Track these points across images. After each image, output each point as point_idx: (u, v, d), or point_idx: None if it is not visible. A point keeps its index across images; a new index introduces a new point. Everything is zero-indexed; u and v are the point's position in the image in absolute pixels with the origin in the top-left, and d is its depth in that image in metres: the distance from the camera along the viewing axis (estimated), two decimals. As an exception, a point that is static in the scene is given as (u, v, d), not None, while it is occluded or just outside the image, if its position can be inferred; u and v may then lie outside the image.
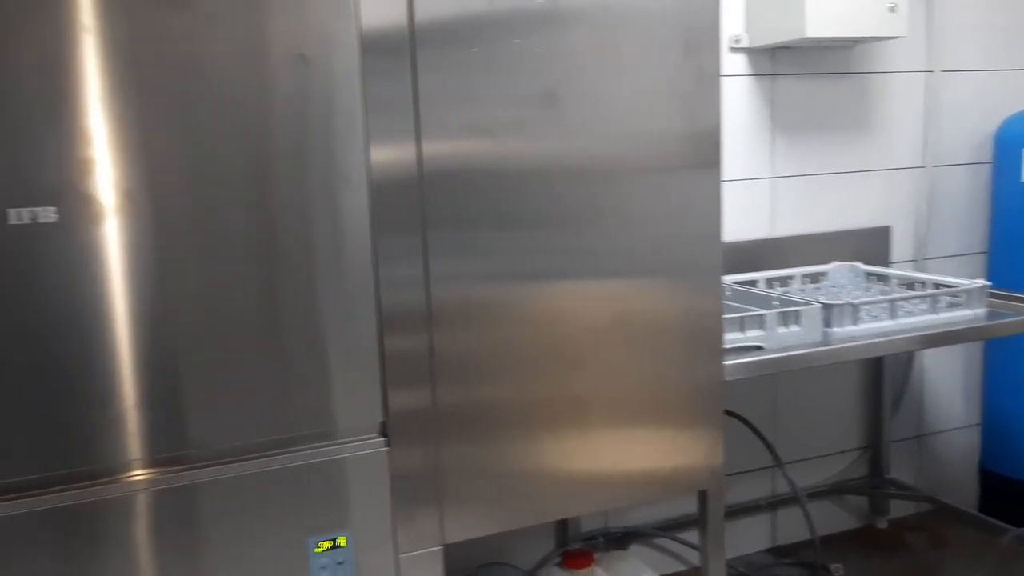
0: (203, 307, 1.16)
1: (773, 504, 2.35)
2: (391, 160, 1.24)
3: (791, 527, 2.37)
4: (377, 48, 1.21)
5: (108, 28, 1.07)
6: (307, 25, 1.16)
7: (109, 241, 1.10)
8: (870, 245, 2.30)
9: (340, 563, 1.27)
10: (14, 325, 1.07)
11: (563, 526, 2.07)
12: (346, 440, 1.26)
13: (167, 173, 1.12)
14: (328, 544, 1.26)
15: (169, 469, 1.16)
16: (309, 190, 1.19)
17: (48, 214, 1.06)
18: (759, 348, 1.68)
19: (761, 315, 1.72)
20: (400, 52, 1.22)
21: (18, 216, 1.05)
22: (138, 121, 1.09)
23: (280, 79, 1.16)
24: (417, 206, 1.26)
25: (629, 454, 1.45)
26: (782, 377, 2.31)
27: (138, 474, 1.15)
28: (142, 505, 1.15)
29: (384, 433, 1.29)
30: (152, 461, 1.16)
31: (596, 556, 1.87)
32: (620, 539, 2.18)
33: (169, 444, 1.16)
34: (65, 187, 1.07)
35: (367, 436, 1.28)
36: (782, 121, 2.20)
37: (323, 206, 1.20)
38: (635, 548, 2.20)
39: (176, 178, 1.12)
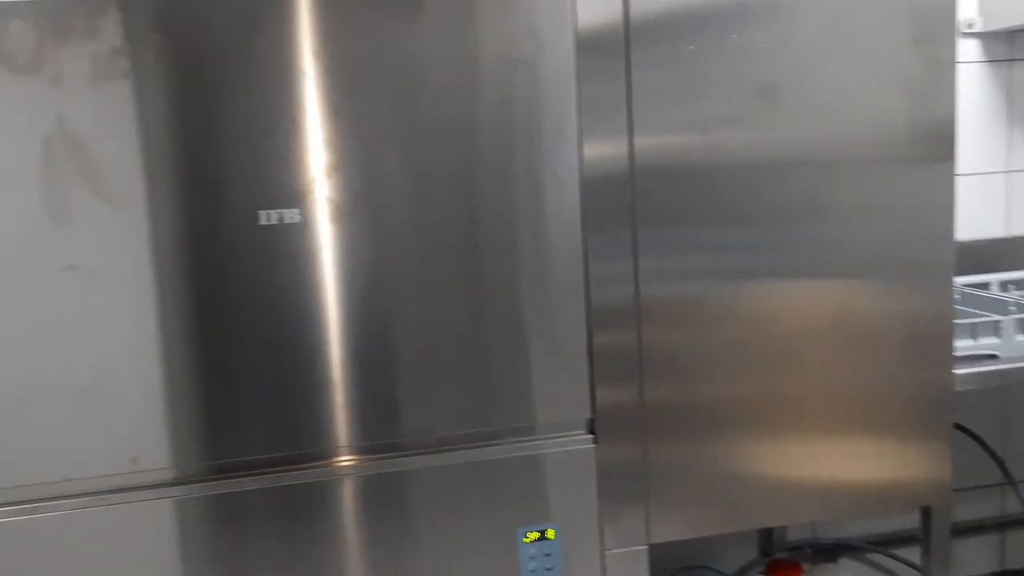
0: (415, 302, 1.22)
1: (1002, 525, 2.16)
2: (603, 156, 1.25)
3: (1022, 550, 2.18)
4: (591, 48, 1.22)
5: (339, 43, 1.15)
6: (525, 31, 1.19)
7: (338, 240, 1.18)
8: (1124, 245, 2.07)
9: (548, 555, 1.30)
10: (258, 315, 1.17)
11: (768, 534, 2.00)
12: (553, 435, 1.29)
13: (389, 176, 1.19)
14: (536, 535, 1.29)
15: (380, 456, 1.23)
16: (521, 187, 1.22)
17: (293, 215, 1.15)
18: (993, 357, 1.56)
19: (996, 321, 1.59)
20: (614, 51, 1.23)
21: (267, 217, 1.15)
22: (364, 129, 1.17)
23: (497, 83, 1.20)
24: (628, 202, 1.27)
25: (846, 463, 1.38)
26: (1014, 389, 2.12)
27: (351, 459, 1.23)
28: (354, 488, 1.23)
29: (591, 430, 1.30)
30: (365, 448, 1.23)
31: (804, 568, 1.80)
32: (829, 551, 2.08)
33: (381, 433, 1.23)
34: (306, 191, 1.16)
35: (575, 432, 1.30)
36: (1021, 111, 2.01)
37: (534, 203, 1.23)
38: (845, 562, 2.09)
39: (397, 180, 1.19)
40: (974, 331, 1.58)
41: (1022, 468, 2.14)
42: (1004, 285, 1.93)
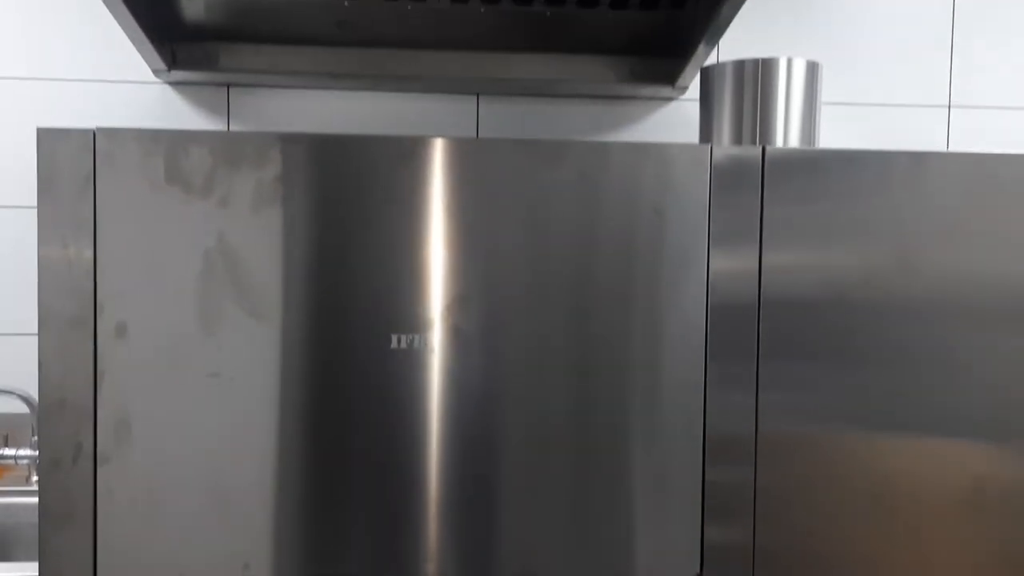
0: (525, 437, 1.22)
1: None
2: (729, 286, 1.24)
3: None
4: (725, 184, 1.24)
5: (476, 182, 1.21)
6: (659, 180, 1.23)
7: (459, 368, 1.21)
8: None
9: None
10: (375, 434, 1.20)
11: None
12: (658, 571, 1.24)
13: (513, 309, 1.22)
14: None
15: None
16: (643, 320, 1.23)
17: (420, 341, 1.20)
18: None
19: None
20: (749, 189, 1.24)
21: (398, 341, 1.20)
22: (493, 262, 1.21)
23: (626, 224, 1.23)
24: (752, 334, 1.25)
25: (986, 657, 1.26)
26: None
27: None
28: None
29: (700, 568, 1.25)
30: (454, 574, 1.22)
31: None
32: None
33: (471, 560, 1.22)
34: (434, 318, 1.20)
35: (682, 569, 1.25)
36: None
37: (655, 337, 1.23)
38: None
39: (521, 313, 1.22)
40: None
41: None
42: None
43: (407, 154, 1.21)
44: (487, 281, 1.22)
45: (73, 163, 1.17)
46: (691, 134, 1.80)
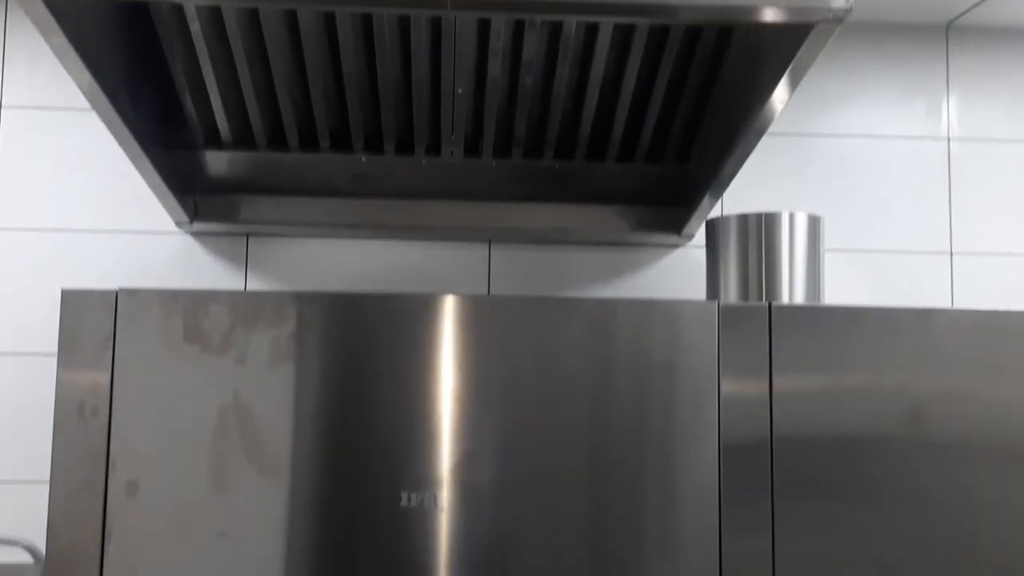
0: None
1: None
2: (741, 439, 1.24)
3: None
4: (734, 341, 1.25)
5: (486, 340, 1.23)
6: (675, 338, 1.25)
7: (470, 524, 1.20)
8: None
9: None
10: (389, 595, 1.18)
11: None
12: None
13: (525, 465, 1.22)
14: None
15: None
16: (653, 472, 1.23)
17: (431, 499, 1.19)
18: None
19: None
20: (757, 342, 1.26)
21: (408, 499, 1.19)
22: (504, 419, 1.22)
23: (636, 377, 1.24)
24: (766, 482, 1.24)
25: None
26: None
27: None
28: None
29: None
30: None
31: None
32: None
33: None
34: (445, 476, 1.20)
35: None
36: None
37: (666, 487, 1.22)
38: None
39: (532, 469, 1.22)
40: None
41: None
42: None
43: (420, 311, 1.24)
44: (499, 437, 1.22)
45: (95, 323, 1.20)
46: (698, 281, 1.83)
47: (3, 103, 1.79)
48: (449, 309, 1.25)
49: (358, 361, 1.22)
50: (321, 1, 1.25)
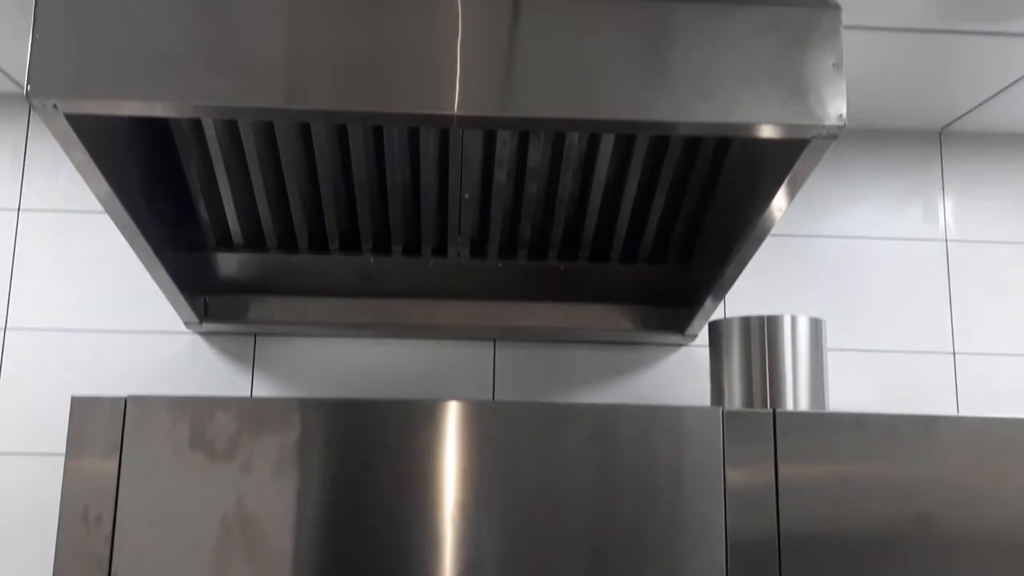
0: None
1: None
2: (748, 544, 1.23)
3: None
4: (739, 446, 1.25)
5: (487, 447, 1.24)
6: (680, 444, 1.25)
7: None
8: None
9: None
10: None
11: None
12: None
13: (528, 570, 1.21)
14: None
15: None
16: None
17: (434, 610, 1.18)
18: None
19: None
20: (762, 448, 1.26)
21: (410, 611, 1.18)
22: (507, 526, 1.22)
23: (640, 480, 1.24)
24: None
25: None
26: None
27: None
28: None
29: None
30: None
31: None
32: None
33: None
34: (451, 584, 1.19)
35: None
36: None
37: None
38: None
39: (535, 572, 1.21)
40: None
41: None
42: None
43: (424, 418, 1.24)
44: (503, 546, 1.21)
45: (103, 430, 1.21)
46: (703, 380, 1.84)
47: (22, 206, 1.84)
48: (453, 415, 1.25)
49: (362, 468, 1.23)
50: (333, 115, 1.29)
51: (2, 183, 1.84)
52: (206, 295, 1.76)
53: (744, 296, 1.88)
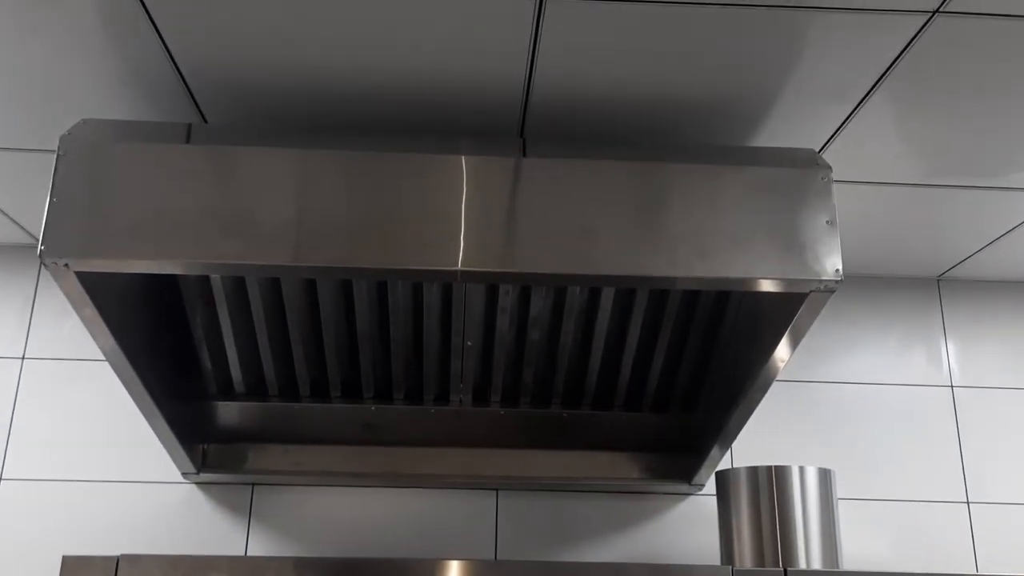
0: None
1: None
2: None
3: None
4: None
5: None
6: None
7: None
8: None
9: None
10: None
11: None
12: None
13: None
14: None
15: None
16: None
17: None
18: None
19: None
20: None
21: None
22: None
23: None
24: None
25: None
26: None
27: None
28: None
29: None
30: None
31: None
32: None
33: None
34: None
35: None
36: None
37: None
38: None
39: None
40: None
41: None
42: None
43: (426, 578, 1.21)
44: None
45: (93, 592, 1.17)
46: (710, 529, 1.79)
47: (26, 355, 1.85)
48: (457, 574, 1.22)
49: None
50: (339, 271, 1.31)
51: (9, 331, 1.85)
52: (205, 443, 1.74)
53: (750, 444, 1.85)
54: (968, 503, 1.85)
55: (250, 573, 1.19)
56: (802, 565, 1.43)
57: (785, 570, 1.24)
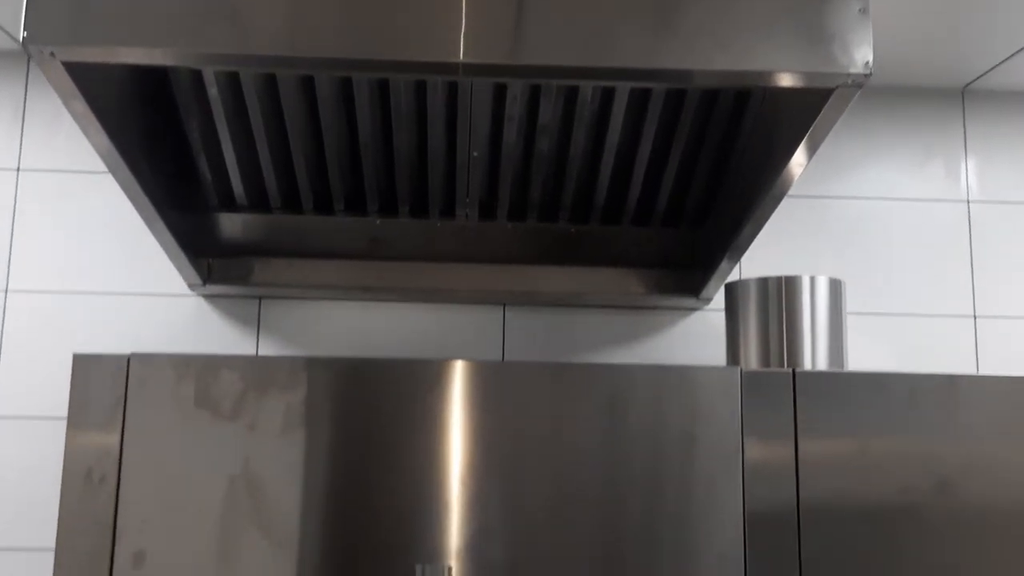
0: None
1: None
2: (766, 509, 1.20)
3: None
4: (757, 408, 1.22)
5: (503, 402, 1.21)
6: (696, 406, 1.22)
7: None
8: None
9: None
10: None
11: None
12: None
13: (540, 540, 1.18)
14: None
15: None
16: (673, 548, 1.18)
17: (443, 572, 1.16)
18: None
19: None
20: (781, 410, 1.23)
21: (422, 571, 1.15)
22: (520, 494, 1.19)
23: (658, 448, 1.21)
24: (793, 553, 1.19)
25: None
26: None
27: None
28: None
29: None
30: None
31: None
32: None
33: None
34: (457, 549, 1.16)
35: None
36: None
37: (693, 559, 1.18)
38: None
39: (548, 544, 1.18)
40: None
41: None
42: None
43: (432, 377, 1.21)
44: (512, 510, 1.19)
45: (105, 388, 1.18)
46: (717, 345, 1.80)
47: (21, 166, 1.81)
48: (461, 375, 1.22)
49: (371, 428, 1.20)
50: (335, 63, 1.24)
51: (2, 142, 1.80)
52: (209, 257, 1.73)
53: (759, 260, 1.83)
54: (975, 317, 1.86)
55: (263, 372, 1.20)
56: (808, 362, 1.44)
57: (793, 371, 1.24)
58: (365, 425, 1.20)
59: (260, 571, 1.15)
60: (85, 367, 1.19)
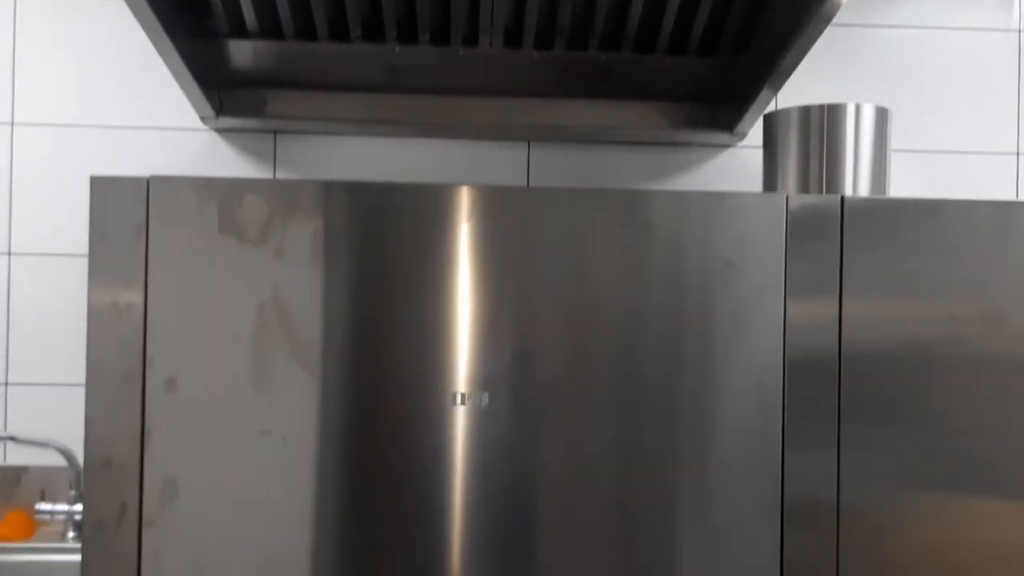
0: (580, 503, 1.16)
1: None
2: (808, 343, 1.18)
3: None
4: (802, 238, 1.18)
5: (539, 229, 1.16)
6: (736, 235, 1.17)
7: (519, 427, 1.15)
8: None
9: None
10: (424, 494, 1.14)
11: None
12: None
13: (580, 369, 1.16)
14: None
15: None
16: (721, 380, 1.17)
17: (478, 399, 1.14)
18: None
19: None
20: (827, 239, 1.18)
21: (454, 399, 1.14)
22: (559, 322, 1.16)
23: (701, 279, 1.17)
24: (833, 391, 1.18)
25: None
26: None
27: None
28: None
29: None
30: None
31: None
32: None
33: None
34: (494, 376, 1.15)
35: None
36: None
37: (733, 394, 1.17)
38: None
39: (588, 373, 1.16)
40: None
41: None
42: None
43: (458, 201, 1.16)
44: (548, 338, 1.16)
45: (126, 212, 1.13)
46: (750, 181, 1.75)
47: (17, -12, 1.70)
48: (498, 201, 1.17)
49: (404, 255, 1.15)
50: None
51: (-7, -34, 1.69)
52: (220, 89, 1.64)
53: (800, 93, 1.74)
54: (1018, 154, 1.79)
55: (289, 196, 1.14)
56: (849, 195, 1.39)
57: (842, 198, 1.19)
58: (399, 251, 1.15)
59: (293, 399, 1.14)
60: (103, 190, 1.13)
